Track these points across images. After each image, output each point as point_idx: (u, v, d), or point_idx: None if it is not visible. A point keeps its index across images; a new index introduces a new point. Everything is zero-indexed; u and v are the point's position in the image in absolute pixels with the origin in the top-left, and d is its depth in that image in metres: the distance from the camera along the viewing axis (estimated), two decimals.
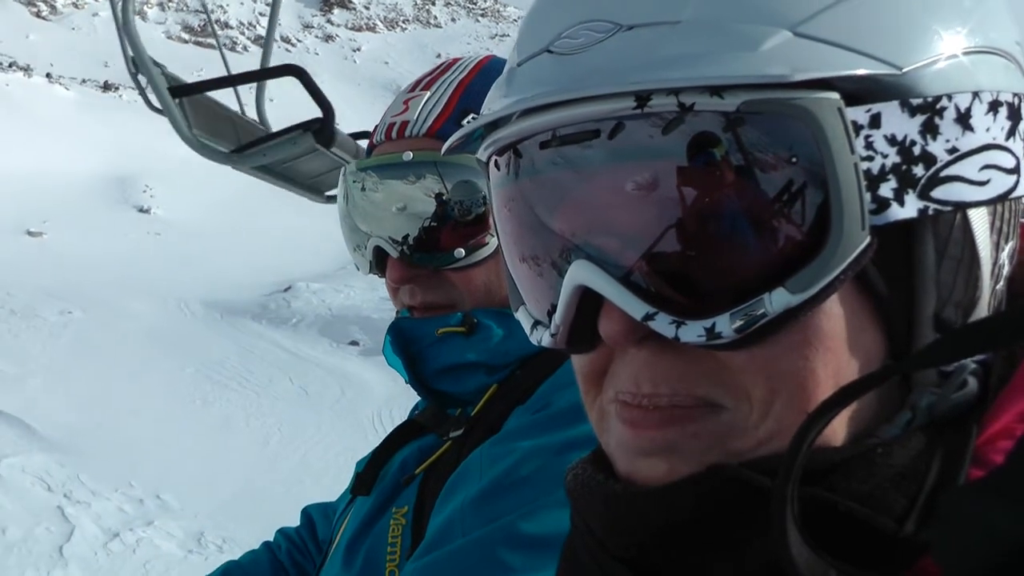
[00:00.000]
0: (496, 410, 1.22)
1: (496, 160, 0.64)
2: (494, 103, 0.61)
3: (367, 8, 65.24)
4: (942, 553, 0.44)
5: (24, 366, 9.59)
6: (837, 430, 0.54)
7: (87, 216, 16.64)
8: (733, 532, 0.54)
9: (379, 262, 1.34)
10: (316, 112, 3.59)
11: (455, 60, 1.40)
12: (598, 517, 0.60)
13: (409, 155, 1.26)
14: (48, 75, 24.72)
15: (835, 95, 0.51)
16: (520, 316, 0.67)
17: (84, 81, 27.69)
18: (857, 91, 0.52)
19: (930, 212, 0.52)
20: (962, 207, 0.53)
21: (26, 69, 24.71)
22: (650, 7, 0.55)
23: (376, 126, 1.39)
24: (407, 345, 1.30)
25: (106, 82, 30.71)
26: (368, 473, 1.32)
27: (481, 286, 1.29)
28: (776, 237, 0.52)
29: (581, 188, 0.58)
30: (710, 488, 0.54)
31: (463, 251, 1.27)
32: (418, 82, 1.37)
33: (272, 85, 4.68)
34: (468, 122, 1.13)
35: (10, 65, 26.08)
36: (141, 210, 17.66)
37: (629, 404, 0.58)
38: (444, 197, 1.27)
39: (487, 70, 1.35)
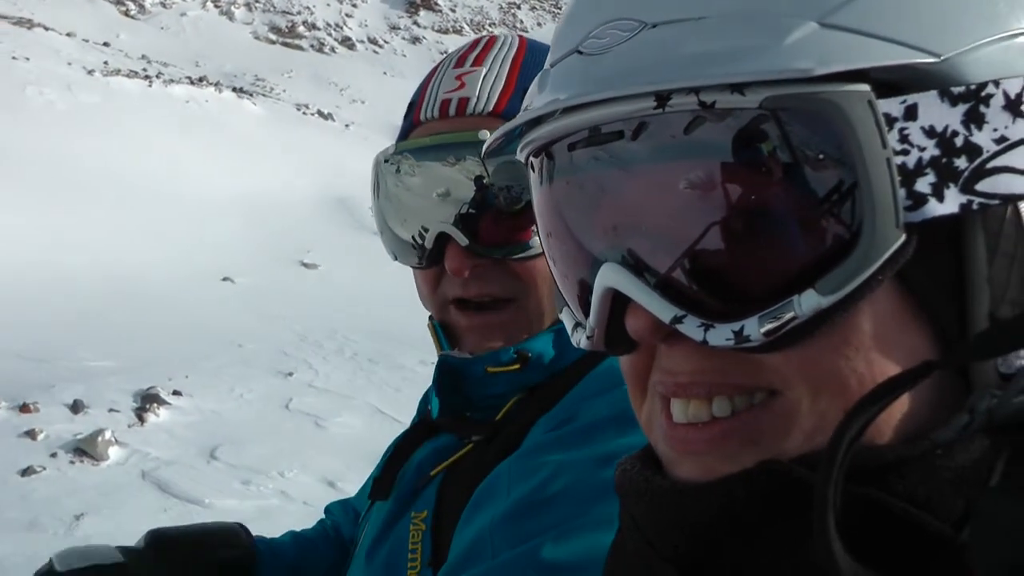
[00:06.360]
0: (522, 416, 1.16)
1: (532, 161, 0.63)
2: (529, 102, 0.60)
3: (453, 11, 64.83)
4: (976, 552, 0.44)
5: None
6: (886, 429, 0.50)
7: (338, 243, 16.19)
8: (779, 530, 0.51)
9: (436, 252, 1.22)
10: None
11: (493, 38, 1.32)
12: (645, 514, 0.58)
13: (485, 133, 1.16)
14: (235, 88, 24.31)
15: (865, 87, 0.48)
16: (564, 317, 0.65)
17: (217, 84, 27.22)
18: (893, 81, 0.49)
19: (975, 206, 0.49)
20: (1012, 200, 0.50)
21: (217, 84, 24.33)
22: (674, 3, 0.53)
23: (415, 102, 1.28)
24: (458, 382, 1.22)
25: (240, 88, 30.36)
26: (385, 477, 1.27)
27: (546, 277, 1.18)
28: (805, 237, 0.50)
29: (609, 190, 0.56)
30: (759, 484, 0.52)
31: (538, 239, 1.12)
32: (463, 58, 1.28)
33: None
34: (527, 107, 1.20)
35: (200, 79, 25.69)
36: None
37: (674, 426, 0.56)
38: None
39: (533, 47, 1.29)
